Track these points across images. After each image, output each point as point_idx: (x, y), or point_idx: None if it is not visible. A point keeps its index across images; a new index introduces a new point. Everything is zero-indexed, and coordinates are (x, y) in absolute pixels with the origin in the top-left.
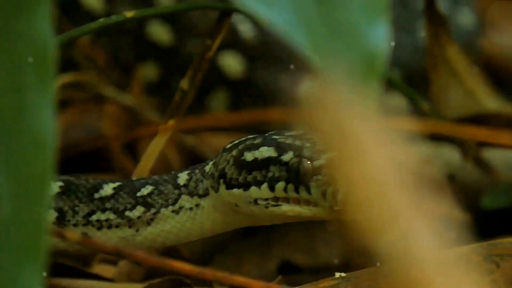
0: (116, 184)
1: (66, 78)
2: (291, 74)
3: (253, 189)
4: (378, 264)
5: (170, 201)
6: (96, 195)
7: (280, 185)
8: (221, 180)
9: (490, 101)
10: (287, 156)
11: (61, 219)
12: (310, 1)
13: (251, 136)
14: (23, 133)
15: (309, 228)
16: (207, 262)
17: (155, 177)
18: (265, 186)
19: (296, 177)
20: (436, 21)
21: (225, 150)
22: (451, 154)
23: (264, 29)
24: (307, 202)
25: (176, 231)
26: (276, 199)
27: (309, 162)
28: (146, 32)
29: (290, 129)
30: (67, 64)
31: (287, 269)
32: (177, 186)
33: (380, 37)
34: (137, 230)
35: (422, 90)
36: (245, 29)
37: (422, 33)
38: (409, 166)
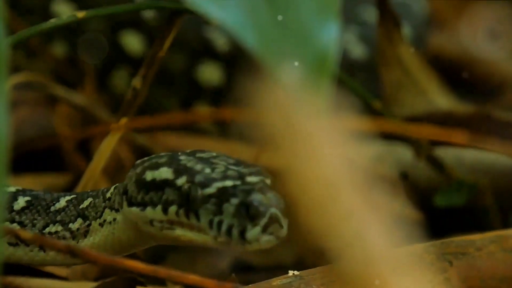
0: (71, 197)
1: (18, 78)
2: (243, 75)
3: (149, 209)
4: (331, 263)
5: (98, 214)
6: (52, 208)
7: (173, 208)
8: (124, 197)
9: (442, 100)
10: (180, 180)
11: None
12: (262, 2)
13: (162, 154)
14: None
15: None
16: (160, 260)
17: (101, 189)
18: (159, 208)
19: (187, 202)
20: (388, 19)
21: (134, 165)
22: (403, 153)
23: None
24: (198, 228)
25: (103, 244)
26: (170, 222)
27: (200, 189)
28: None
29: (206, 151)
30: (18, 64)
31: (240, 268)
32: (104, 199)
33: (331, 37)
34: (78, 242)
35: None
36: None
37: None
38: (361, 165)
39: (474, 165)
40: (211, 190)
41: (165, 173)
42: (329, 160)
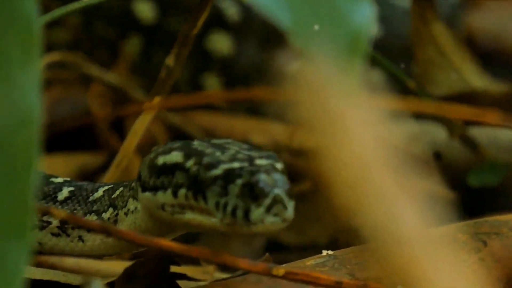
0: (108, 187)
1: (52, 57)
2: (279, 53)
3: (160, 193)
4: (365, 242)
5: (124, 203)
6: (91, 198)
7: (182, 191)
8: (138, 183)
9: (476, 79)
10: (189, 163)
11: (63, 223)
12: None
13: (178, 141)
14: (9, 110)
15: (297, 207)
16: (194, 241)
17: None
18: (169, 191)
19: (195, 185)
20: None
21: (150, 151)
22: (437, 132)
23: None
24: (207, 212)
25: None
26: (181, 206)
27: (207, 171)
28: (131, 9)
29: (223, 138)
30: (53, 43)
31: (274, 248)
32: (130, 189)
33: (364, 16)
34: (118, 239)
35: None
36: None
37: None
38: (394, 144)
39: (508, 145)
40: (217, 171)
41: (175, 156)
42: (362, 139)
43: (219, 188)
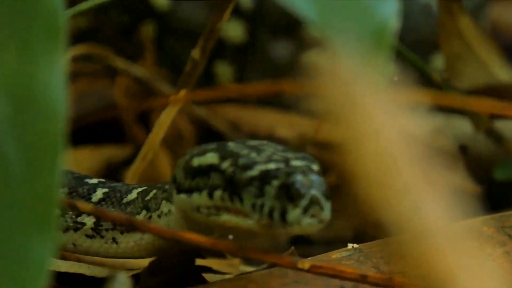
0: (141, 189)
1: (77, 49)
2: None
3: (195, 195)
4: (390, 236)
5: (157, 205)
6: (125, 200)
7: (218, 193)
8: (173, 185)
9: (502, 73)
10: (225, 164)
11: (98, 224)
12: None
13: (213, 143)
14: (35, 103)
15: None
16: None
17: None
18: (205, 193)
19: (231, 186)
20: None
21: (185, 153)
22: (463, 126)
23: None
24: (243, 214)
25: None
26: (217, 208)
27: (243, 172)
28: None
29: (258, 140)
30: (78, 35)
31: (299, 241)
32: (163, 191)
33: (390, 9)
34: (143, 233)
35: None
36: None
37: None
38: (420, 138)
39: None
40: (253, 172)
41: (211, 158)
42: (388, 133)
43: (255, 189)
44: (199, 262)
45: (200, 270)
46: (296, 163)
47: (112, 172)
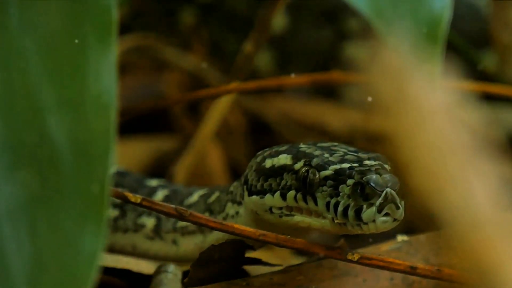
0: (203, 192)
1: (128, 42)
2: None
3: (268, 196)
4: (440, 228)
5: (221, 207)
6: (185, 202)
7: (291, 193)
8: (245, 187)
9: None
10: (298, 165)
11: (158, 226)
12: None
13: (284, 144)
14: (86, 94)
15: None
16: None
17: (228, 184)
18: (278, 194)
19: (304, 186)
20: None
21: (256, 155)
22: None
23: None
24: (316, 213)
25: (227, 237)
26: (289, 208)
27: (317, 172)
28: None
29: (328, 141)
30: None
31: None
32: (227, 193)
33: (442, 2)
34: (205, 236)
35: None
36: None
37: None
38: (471, 129)
39: None
40: (327, 172)
41: (283, 159)
42: (439, 124)
43: (330, 189)
44: (249, 254)
45: (250, 262)
46: (369, 162)
47: (162, 163)
